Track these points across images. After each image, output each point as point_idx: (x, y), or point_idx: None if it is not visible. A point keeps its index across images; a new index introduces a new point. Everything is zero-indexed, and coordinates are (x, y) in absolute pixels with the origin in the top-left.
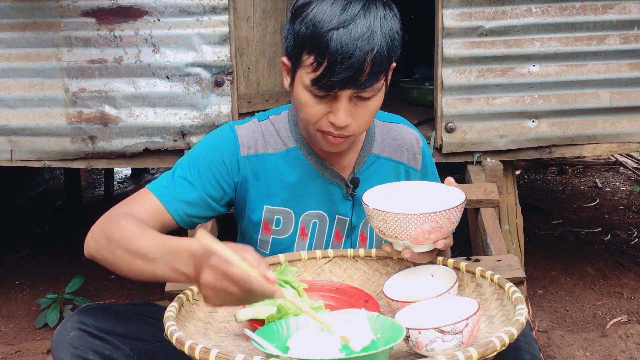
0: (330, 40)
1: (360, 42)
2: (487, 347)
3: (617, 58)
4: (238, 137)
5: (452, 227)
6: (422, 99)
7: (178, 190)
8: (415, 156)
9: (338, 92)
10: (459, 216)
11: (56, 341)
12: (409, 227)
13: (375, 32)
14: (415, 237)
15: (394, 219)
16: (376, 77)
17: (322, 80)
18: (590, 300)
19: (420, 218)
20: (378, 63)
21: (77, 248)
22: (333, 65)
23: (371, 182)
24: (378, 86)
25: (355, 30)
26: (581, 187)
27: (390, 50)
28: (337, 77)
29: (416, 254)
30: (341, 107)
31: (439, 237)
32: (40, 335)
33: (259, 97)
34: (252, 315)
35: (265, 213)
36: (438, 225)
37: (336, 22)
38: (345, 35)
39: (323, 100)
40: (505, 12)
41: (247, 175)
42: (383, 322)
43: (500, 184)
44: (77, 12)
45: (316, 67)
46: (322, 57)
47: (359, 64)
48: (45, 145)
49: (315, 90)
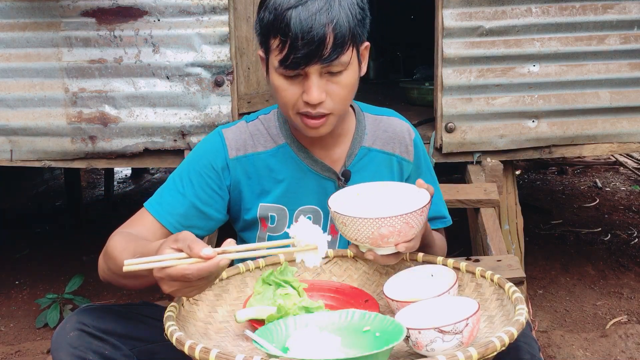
0: (290, 19)
1: (318, 16)
2: (487, 347)
3: (617, 58)
4: (225, 141)
5: (413, 231)
6: (422, 99)
7: (171, 204)
8: (408, 148)
9: (305, 68)
10: (421, 220)
11: (56, 341)
12: (367, 230)
13: (333, 5)
14: (374, 240)
15: (352, 222)
16: (340, 48)
17: (288, 59)
18: (590, 300)
19: (377, 222)
20: (339, 35)
21: (77, 248)
22: (295, 41)
23: (363, 174)
24: (345, 59)
25: (313, 5)
26: (581, 187)
27: (351, 22)
28: (300, 53)
29: (379, 256)
30: (312, 83)
31: (399, 240)
32: (40, 335)
33: (259, 97)
34: (252, 315)
35: (260, 210)
36: (396, 230)
37: (294, 1)
38: (303, 12)
39: (295, 81)
40: (505, 12)
41: (239, 177)
42: (383, 322)
43: (500, 184)
44: (77, 12)
45: (282, 47)
46: (285, 36)
47: (319, 36)
48: (45, 145)
49: (284, 71)
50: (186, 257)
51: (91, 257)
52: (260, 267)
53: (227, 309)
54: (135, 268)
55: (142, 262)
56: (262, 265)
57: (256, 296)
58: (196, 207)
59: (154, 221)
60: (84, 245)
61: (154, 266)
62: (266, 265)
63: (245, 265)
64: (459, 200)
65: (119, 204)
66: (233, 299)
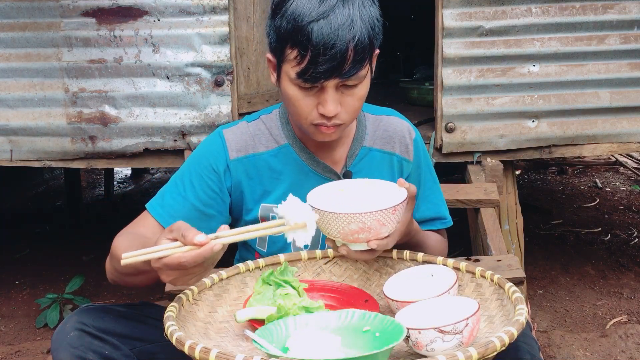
0: (311, 33)
1: (341, 32)
2: (487, 347)
3: (617, 58)
4: (226, 142)
5: (384, 229)
6: (422, 99)
7: (172, 206)
8: (408, 147)
9: (324, 82)
10: (393, 218)
11: (56, 341)
12: (337, 225)
13: (355, 20)
14: (344, 235)
15: (323, 216)
16: (360, 64)
17: (307, 73)
18: (590, 300)
19: (346, 217)
20: (360, 51)
21: (77, 248)
22: (316, 56)
23: (364, 174)
24: (363, 73)
25: (335, 20)
26: (581, 187)
27: (371, 37)
28: (322, 68)
29: (353, 252)
30: (329, 97)
31: (369, 237)
32: (40, 335)
33: (259, 97)
34: (252, 315)
35: (261, 211)
36: (366, 226)
37: (315, 14)
38: (325, 26)
39: (310, 92)
40: (505, 12)
41: (240, 178)
42: (383, 322)
43: (500, 184)
44: (77, 12)
45: (300, 60)
46: (304, 49)
47: (341, 53)
48: (45, 145)
49: (302, 82)
50: (181, 246)
51: (91, 257)
52: (260, 267)
53: (227, 309)
54: (133, 261)
55: (139, 255)
56: (262, 265)
57: (256, 296)
58: (197, 209)
59: (155, 223)
60: (84, 245)
61: (150, 257)
62: (266, 265)
63: (245, 265)
64: (459, 200)
65: (119, 204)
66: (233, 299)
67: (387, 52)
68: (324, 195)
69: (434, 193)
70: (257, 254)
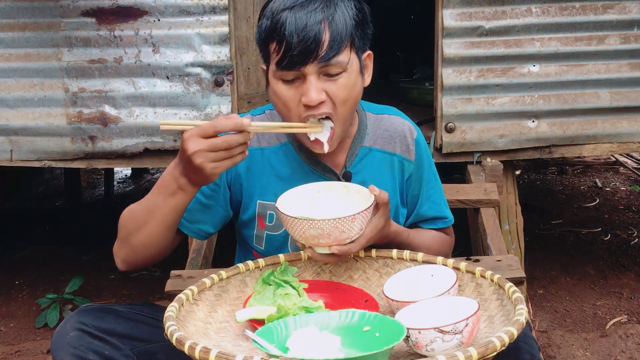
0: (285, 20)
1: (313, 14)
2: (487, 347)
3: (617, 58)
4: None
5: (344, 235)
6: (422, 99)
7: None
8: (409, 147)
9: (302, 68)
10: (354, 226)
11: (56, 341)
12: (297, 229)
13: (329, 5)
14: (306, 239)
15: (285, 219)
16: (337, 47)
17: (284, 60)
18: (590, 300)
19: (305, 223)
20: (335, 33)
21: (77, 248)
22: (291, 40)
23: (364, 175)
24: (342, 59)
25: (308, 5)
26: (581, 187)
27: (348, 22)
28: (297, 51)
29: (317, 255)
30: (310, 84)
31: (330, 242)
32: (40, 335)
33: (259, 97)
34: (252, 315)
35: (258, 208)
36: (325, 232)
37: (290, 3)
38: (299, 11)
39: (293, 85)
40: (505, 12)
41: (240, 170)
42: (383, 322)
43: (500, 184)
44: (77, 12)
45: (278, 49)
46: (281, 37)
47: (314, 33)
48: (45, 145)
49: (282, 72)
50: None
51: (91, 257)
52: (260, 267)
53: (227, 309)
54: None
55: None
56: (262, 265)
57: (256, 296)
58: (199, 201)
59: None
60: (84, 246)
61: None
62: (266, 265)
63: (245, 265)
64: (459, 200)
65: (119, 204)
66: (233, 299)
67: (387, 52)
68: (299, 196)
69: (436, 192)
70: (255, 252)
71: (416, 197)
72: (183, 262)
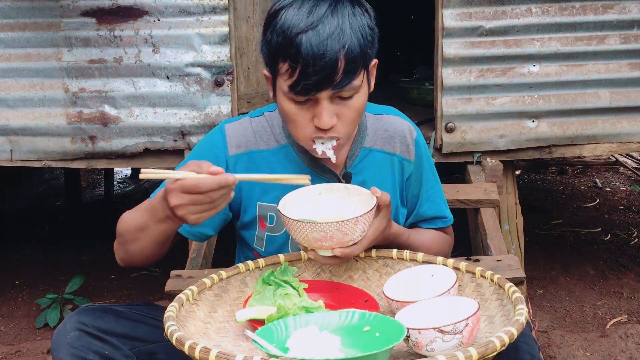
0: (300, 44)
1: (330, 42)
2: (487, 347)
3: (617, 58)
4: (226, 137)
5: (347, 238)
6: (422, 99)
7: None
8: (409, 147)
9: (316, 94)
10: (357, 228)
11: (56, 341)
12: (300, 232)
13: (345, 29)
14: (308, 242)
15: (288, 222)
16: (352, 74)
17: (298, 85)
18: (590, 300)
19: (308, 226)
20: (351, 60)
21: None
22: (306, 68)
23: (364, 175)
24: (356, 84)
25: (324, 30)
26: (581, 187)
27: (362, 46)
28: (312, 80)
29: (320, 257)
30: (323, 109)
31: (333, 245)
32: (40, 335)
33: (259, 97)
34: (252, 315)
35: (259, 210)
36: (328, 235)
37: (304, 25)
38: (314, 37)
39: (305, 106)
40: (505, 12)
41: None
42: (383, 322)
43: (500, 184)
44: (77, 12)
45: (291, 72)
46: (295, 62)
47: (331, 63)
48: (45, 145)
49: (295, 96)
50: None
51: (91, 257)
52: (260, 267)
53: (227, 309)
54: (152, 176)
55: (157, 173)
56: (262, 265)
57: (256, 296)
58: None
59: None
60: (84, 245)
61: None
62: (266, 265)
63: (245, 265)
64: (459, 200)
65: (119, 204)
66: (233, 299)
67: (387, 52)
68: (301, 198)
69: (436, 192)
70: (256, 252)
71: (416, 197)
72: (183, 262)
